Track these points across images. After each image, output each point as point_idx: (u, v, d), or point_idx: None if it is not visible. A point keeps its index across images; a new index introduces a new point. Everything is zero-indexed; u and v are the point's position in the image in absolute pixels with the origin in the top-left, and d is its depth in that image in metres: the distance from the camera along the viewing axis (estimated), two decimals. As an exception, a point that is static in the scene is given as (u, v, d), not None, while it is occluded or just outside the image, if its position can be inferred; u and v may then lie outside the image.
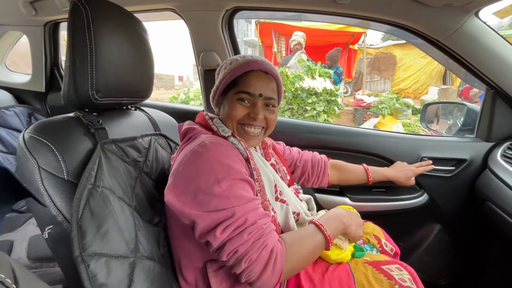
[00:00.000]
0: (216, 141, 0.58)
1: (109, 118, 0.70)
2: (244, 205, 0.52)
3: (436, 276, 1.13)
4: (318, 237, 0.59)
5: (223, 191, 0.52)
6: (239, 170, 0.55)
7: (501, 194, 0.84)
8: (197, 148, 0.56)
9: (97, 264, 0.46)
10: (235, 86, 0.65)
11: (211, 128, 0.67)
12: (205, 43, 1.11)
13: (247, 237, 0.50)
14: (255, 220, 0.52)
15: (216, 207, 0.51)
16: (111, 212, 0.52)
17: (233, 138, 0.64)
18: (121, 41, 0.67)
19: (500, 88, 0.93)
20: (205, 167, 0.53)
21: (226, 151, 0.57)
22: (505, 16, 0.85)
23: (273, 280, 0.51)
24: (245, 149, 0.63)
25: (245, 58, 0.66)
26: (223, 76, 0.67)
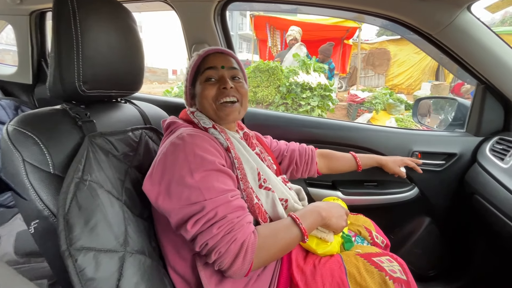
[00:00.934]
0: (194, 133, 0.59)
1: (97, 111, 0.69)
2: (215, 199, 0.53)
3: (425, 268, 1.15)
4: (294, 230, 0.60)
5: (196, 182, 0.53)
6: (213, 161, 0.56)
7: (488, 188, 0.86)
8: (175, 140, 0.58)
9: (85, 258, 0.45)
10: (199, 72, 0.70)
11: (192, 121, 0.68)
12: (197, 34, 1.09)
13: (216, 231, 0.51)
14: (225, 214, 0.53)
15: (187, 199, 0.52)
16: (99, 206, 0.51)
17: (213, 130, 0.65)
18: (109, 32, 0.65)
19: (490, 83, 0.94)
20: (180, 158, 0.55)
21: (202, 142, 0.58)
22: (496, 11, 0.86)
23: (243, 270, 0.53)
24: (225, 139, 0.64)
25: (203, 49, 0.72)
26: (187, 71, 0.73)
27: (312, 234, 0.68)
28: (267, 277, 0.64)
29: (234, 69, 0.71)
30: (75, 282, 0.44)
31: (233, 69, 0.71)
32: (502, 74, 0.90)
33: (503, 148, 0.90)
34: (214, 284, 0.58)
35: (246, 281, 0.62)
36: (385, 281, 0.62)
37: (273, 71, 3.47)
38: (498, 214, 0.80)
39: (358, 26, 5.93)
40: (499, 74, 0.91)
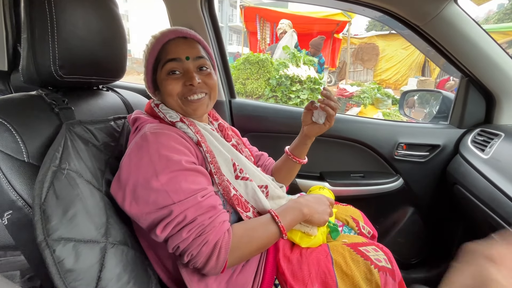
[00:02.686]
0: (158, 131, 0.55)
1: (76, 98, 0.65)
2: (184, 201, 0.51)
3: (408, 256, 1.19)
4: (272, 228, 0.59)
5: (162, 185, 0.50)
6: (179, 161, 0.53)
7: (469, 178, 0.89)
8: (138, 140, 0.54)
9: (64, 249, 0.44)
10: (160, 62, 0.62)
11: (158, 115, 0.63)
12: (183, 21, 1.06)
13: (186, 235, 0.50)
14: (195, 217, 0.51)
15: (154, 203, 0.50)
16: (79, 195, 0.49)
17: (181, 124, 0.61)
18: (88, 14, 0.62)
19: (474, 76, 0.96)
20: (144, 161, 0.51)
21: (167, 141, 0.54)
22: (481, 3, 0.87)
23: (218, 269, 0.52)
24: (194, 133, 0.60)
25: (161, 31, 0.64)
26: (145, 58, 0.64)
27: (295, 228, 0.68)
28: (252, 267, 0.64)
29: (200, 58, 0.64)
30: (53, 273, 0.42)
31: (200, 59, 0.64)
32: (485, 67, 0.92)
33: (484, 139, 0.93)
34: (197, 279, 0.57)
35: (230, 273, 0.61)
36: (370, 269, 0.63)
37: (263, 64, 3.44)
38: (477, 202, 0.82)
39: (348, 20, 5.94)
40: (482, 67, 0.93)
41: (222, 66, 1.21)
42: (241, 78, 3.58)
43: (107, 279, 0.48)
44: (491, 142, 0.89)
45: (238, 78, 3.58)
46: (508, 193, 0.71)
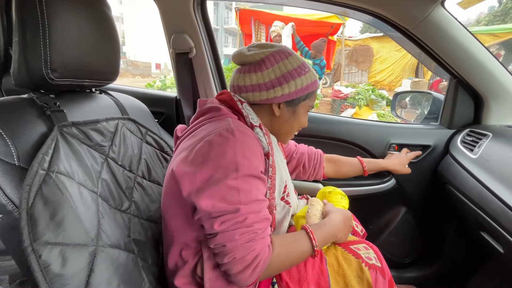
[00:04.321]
0: (244, 130, 0.56)
1: (69, 101, 0.65)
2: (249, 205, 0.52)
3: (401, 255, 1.20)
4: (307, 251, 0.60)
5: (237, 183, 0.51)
6: (257, 167, 0.54)
7: (459, 177, 0.90)
8: (223, 132, 0.54)
9: (51, 254, 0.43)
10: (309, 98, 0.67)
11: (239, 111, 0.62)
12: (176, 24, 1.06)
13: (238, 237, 0.50)
14: (253, 223, 0.52)
15: (223, 197, 0.50)
16: (67, 199, 0.49)
17: (259, 130, 0.61)
18: (81, 17, 0.62)
19: (462, 77, 0.98)
20: (228, 154, 0.52)
21: (251, 144, 0.55)
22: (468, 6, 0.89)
23: (249, 281, 0.53)
24: (267, 144, 0.61)
25: (314, 72, 0.68)
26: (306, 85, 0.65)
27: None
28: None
29: None
30: (39, 279, 0.42)
31: None
32: (473, 69, 0.94)
33: (473, 139, 0.95)
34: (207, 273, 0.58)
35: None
36: (361, 267, 0.64)
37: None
38: (466, 201, 0.84)
39: (342, 23, 6.01)
40: (470, 69, 0.95)
41: (215, 68, 1.22)
42: (236, 80, 3.58)
43: (96, 284, 0.47)
44: (479, 142, 0.91)
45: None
46: (495, 192, 0.72)
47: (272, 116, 0.66)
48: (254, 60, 0.63)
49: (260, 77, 0.63)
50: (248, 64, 0.65)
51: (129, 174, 0.72)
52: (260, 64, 0.63)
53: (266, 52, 0.63)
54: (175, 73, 1.16)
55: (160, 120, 1.25)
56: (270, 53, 0.63)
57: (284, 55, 0.64)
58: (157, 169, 0.82)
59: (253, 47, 0.67)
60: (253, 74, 0.63)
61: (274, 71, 0.62)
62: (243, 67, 0.66)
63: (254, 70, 0.63)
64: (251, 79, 0.63)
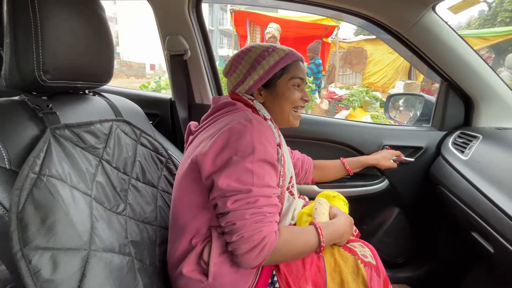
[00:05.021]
0: (260, 120, 0.61)
1: (61, 103, 0.65)
2: (261, 188, 0.56)
3: (394, 255, 1.22)
4: (313, 243, 0.63)
5: (252, 166, 0.55)
6: (272, 153, 0.59)
7: (450, 179, 0.92)
8: (242, 120, 0.59)
9: (42, 259, 0.43)
10: (287, 73, 0.71)
11: (252, 105, 0.69)
12: (171, 26, 1.06)
13: (248, 216, 0.54)
14: (263, 205, 0.55)
15: (238, 177, 0.55)
16: (59, 203, 0.48)
17: (270, 122, 0.67)
18: (73, 18, 0.61)
19: (453, 80, 1.00)
20: (246, 140, 0.56)
21: (267, 132, 0.59)
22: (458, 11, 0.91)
23: (254, 263, 0.55)
24: (278, 136, 0.66)
25: (282, 48, 0.72)
26: (273, 63, 0.69)
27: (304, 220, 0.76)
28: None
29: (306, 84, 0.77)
30: (29, 284, 0.41)
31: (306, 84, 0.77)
32: (463, 72, 0.96)
33: (464, 141, 0.97)
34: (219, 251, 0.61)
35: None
36: (357, 264, 0.66)
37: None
38: (457, 202, 0.86)
39: (337, 25, 6.06)
40: (461, 73, 0.97)
41: (211, 71, 1.22)
42: (231, 82, 3.58)
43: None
44: (470, 144, 0.92)
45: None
46: (485, 193, 0.74)
47: (263, 103, 0.72)
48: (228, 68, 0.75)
49: (239, 73, 0.72)
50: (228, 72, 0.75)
51: (124, 176, 0.71)
52: (234, 64, 0.73)
53: (235, 56, 0.74)
54: (170, 75, 1.16)
55: (154, 122, 1.25)
56: (239, 54, 0.73)
57: (246, 49, 0.72)
58: (151, 171, 0.82)
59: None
60: (235, 73, 0.73)
61: (244, 65, 0.71)
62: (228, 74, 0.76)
63: (236, 70, 0.73)
64: (237, 76, 0.73)
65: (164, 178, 0.87)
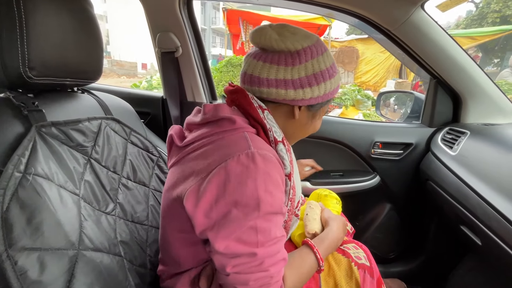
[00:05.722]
0: (265, 154, 0.47)
1: (48, 100, 0.63)
2: (268, 248, 0.45)
3: (386, 251, 1.24)
4: (313, 269, 0.57)
5: (256, 223, 0.44)
6: (280, 201, 0.48)
7: (439, 174, 0.94)
8: (243, 158, 0.45)
9: (28, 260, 0.41)
10: (329, 102, 0.59)
11: (260, 121, 0.52)
12: (161, 22, 1.05)
13: (252, 283, 0.45)
14: (269, 267, 0.46)
15: (239, 237, 0.44)
16: (46, 202, 0.47)
17: (282, 146, 0.53)
18: (60, 14, 0.60)
19: (441, 77, 1.02)
20: (249, 189, 0.44)
21: (274, 172, 0.47)
22: (446, 9, 0.93)
23: None
24: (289, 162, 0.53)
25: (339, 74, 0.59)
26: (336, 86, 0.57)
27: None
28: None
29: None
30: (15, 286, 0.40)
31: None
32: (451, 69, 0.98)
33: (452, 137, 0.99)
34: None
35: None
36: (351, 267, 0.65)
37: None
38: (447, 197, 0.87)
39: (329, 24, 6.11)
40: (449, 70, 0.99)
41: (203, 68, 1.21)
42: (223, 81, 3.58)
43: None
44: (458, 140, 0.94)
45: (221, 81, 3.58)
46: (473, 187, 0.76)
47: (289, 119, 0.57)
48: (286, 50, 0.51)
49: (289, 72, 0.51)
50: (276, 52, 0.52)
51: (114, 175, 0.70)
52: (294, 56, 0.51)
53: (303, 43, 0.52)
54: (161, 73, 1.14)
55: (146, 121, 1.23)
56: (308, 45, 0.52)
57: (320, 50, 0.53)
58: (142, 170, 0.81)
59: (281, 29, 0.53)
60: (282, 67, 0.51)
61: (306, 68, 0.51)
62: (267, 53, 0.52)
63: (285, 63, 0.51)
64: (277, 72, 0.51)
65: (156, 177, 0.86)
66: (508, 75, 3.78)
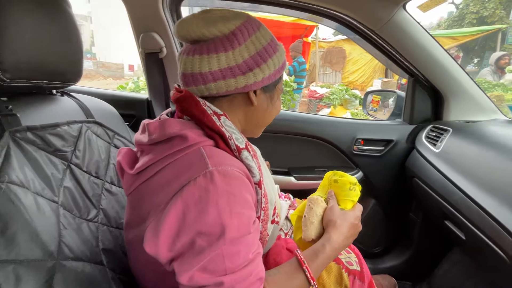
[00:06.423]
0: (226, 170, 0.42)
1: (24, 104, 0.60)
2: (236, 273, 0.40)
3: (371, 246, 1.27)
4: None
5: (221, 248, 0.40)
6: (249, 220, 0.43)
7: (424, 171, 0.96)
8: (200, 180, 0.41)
9: (2, 272, 0.39)
10: (281, 79, 0.55)
11: (217, 130, 0.46)
12: (145, 22, 1.02)
13: None
14: None
15: (204, 266, 0.39)
16: (21, 211, 0.44)
17: (247, 153, 0.48)
18: (36, 13, 0.57)
19: (423, 75, 1.05)
20: (211, 216, 0.40)
21: (239, 190, 0.42)
22: (426, 9, 0.96)
23: None
24: (258, 169, 0.48)
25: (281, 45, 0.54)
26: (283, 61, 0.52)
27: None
28: None
29: None
30: None
31: None
32: (433, 68, 1.01)
33: (435, 135, 1.01)
34: None
35: None
36: (341, 274, 0.65)
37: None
38: (431, 193, 0.89)
39: (316, 25, 6.17)
40: (430, 68, 1.01)
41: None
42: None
43: None
44: (441, 137, 0.97)
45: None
46: (456, 183, 0.78)
47: (247, 108, 0.52)
48: (220, 34, 0.46)
49: (231, 57, 0.46)
50: (209, 40, 0.47)
51: (96, 180, 0.68)
52: (230, 38, 0.46)
53: (235, 22, 0.47)
54: (146, 74, 1.12)
55: (131, 123, 1.20)
56: (241, 23, 0.47)
57: (255, 25, 0.49)
58: (127, 174, 0.78)
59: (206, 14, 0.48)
60: (222, 54, 0.46)
61: (248, 48, 0.47)
62: (201, 45, 0.47)
63: (224, 48, 0.46)
64: (219, 62, 0.46)
65: (141, 181, 0.84)
66: (488, 74, 3.96)
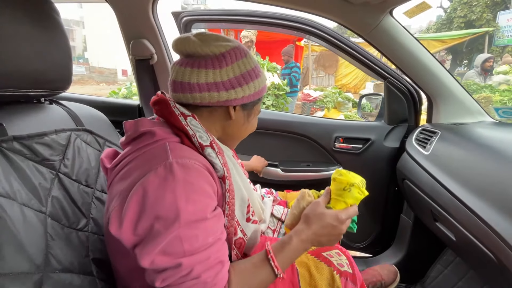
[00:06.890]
0: (186, 163, 0.47)
1: (10, 113, 0.59)
2: (195, 255, 0.44)
3: (356, 240, 1.33)
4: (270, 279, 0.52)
5: (179, 232, 0.43)
6: (205, 207, 0.47)
7: (414, 172, 0.97)
8: (160, 170, 0.45)
9: None
10: (260, 101, 0.63)
11: (182, 128, 0.52)
12: (135, 29, 1.02)
13: None
14: (200, 273, 0.44)
15: (163, 250, 0.43)
16: (6, 223, 0.44)
17: (210, 150, 0.53)
18: (22, 20, 0.57)
19: (411, 79, 1.07)
20: (167, 201, 0.44)
21: (197, 180, 0.47)
22: (412, 16, 0.99)
23: None
24: (222, 165, 0.53)
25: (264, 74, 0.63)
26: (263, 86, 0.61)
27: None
28: None
29: None
30: None
31: None
32: (420, 71, 1.03)
33: (425, 137, 1.03)
34: None
35: None
36: (333, 276, 0.65)
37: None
38: (422, 195, 0.91)
39: (308, 29, 6.23)
40: (417, 72, 1.03)
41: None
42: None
43: None
44: (430, 140, 0.98)
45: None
46: (445, 185, 0.79)
47: (225, 121, 0.59)
48: (211, 54, 0.54)
49: (218, 74, 0.54)
50: (201, 57, 0.54)
51: (86, 189, 0.67)
52: (219, 59, 0.54)
53: (226, 47, 0.55)
54: (137, 81, 1.12)
55: (122, 130, 1.19)
56: (231, 48, 0.55)
57: (243, 53, 0.57)
58: (118, 182, 0.77)
59: (203, 36, 0.56)
60: (210, 70, 0.53)
61: (234, 69, 0.55)
62: (193, 60, 0.55)
63: (212, 66, 0.53)
64: (207, 76, 0.53)
65: (133, 188, 0.83)
66: (473, 75, 4.04)
